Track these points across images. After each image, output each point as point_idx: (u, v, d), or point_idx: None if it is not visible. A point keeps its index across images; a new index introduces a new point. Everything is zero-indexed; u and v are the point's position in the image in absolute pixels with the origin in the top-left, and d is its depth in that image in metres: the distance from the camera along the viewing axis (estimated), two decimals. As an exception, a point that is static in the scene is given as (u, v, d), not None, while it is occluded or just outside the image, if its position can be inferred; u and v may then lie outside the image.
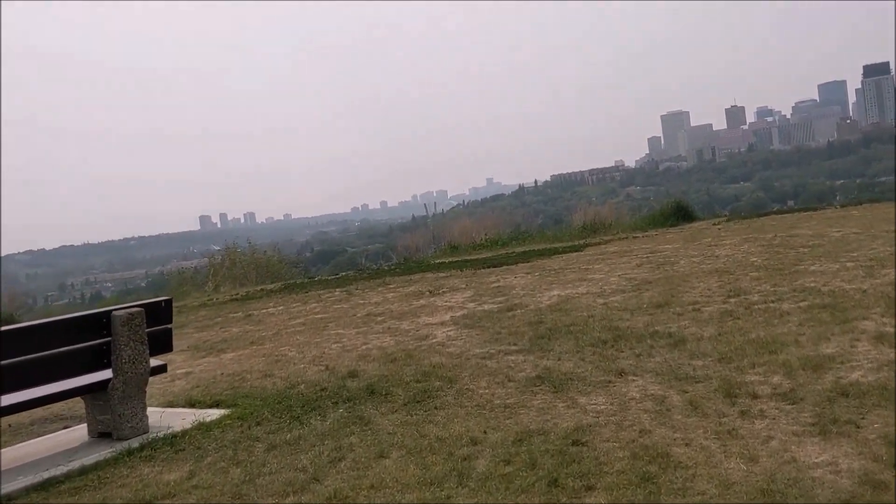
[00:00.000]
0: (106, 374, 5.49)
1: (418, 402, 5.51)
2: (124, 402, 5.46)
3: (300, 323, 10.73)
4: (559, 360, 6.37)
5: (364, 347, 8.12)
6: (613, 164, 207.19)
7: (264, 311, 12.86)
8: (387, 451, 4.51)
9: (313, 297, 13.92)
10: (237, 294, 16.53)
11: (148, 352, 5.61)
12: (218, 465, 4.66)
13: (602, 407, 4.98)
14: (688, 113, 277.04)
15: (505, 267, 14.35)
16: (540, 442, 4.36)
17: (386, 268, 18.62)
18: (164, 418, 5.93)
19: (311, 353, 8.24)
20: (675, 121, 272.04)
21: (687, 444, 4.14)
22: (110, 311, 5.46)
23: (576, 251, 16.03)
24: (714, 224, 19.39)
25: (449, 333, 8.25)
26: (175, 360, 9.07)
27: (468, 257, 18.87)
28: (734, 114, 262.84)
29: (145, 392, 5.63)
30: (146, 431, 5.56)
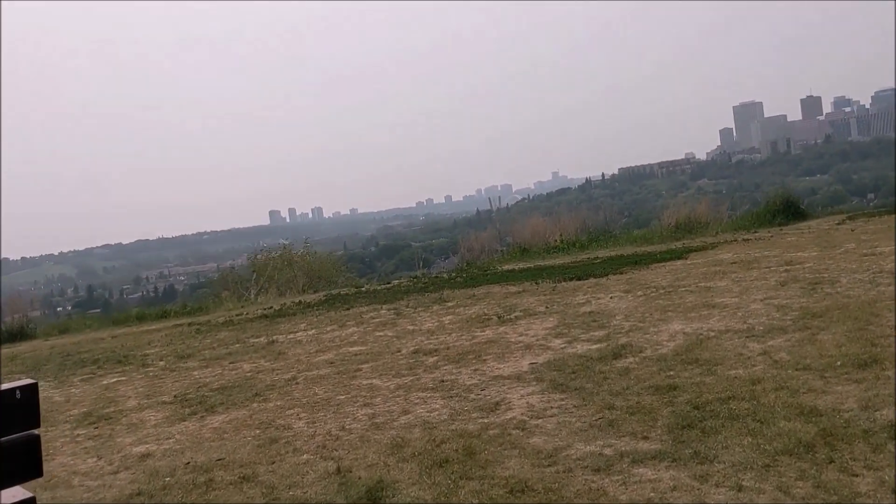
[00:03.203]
0: None
1: None
2: None
3: (327, 361, 8.09)
4: (740, 490, 3.53)
5: (403, 421, 5.40)
6: (683, 157, 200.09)
7: (292, 336, 10.28)
8: None
9: (354, 316, 11.29)
10: (270, 308, 14.03)
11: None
12: None
13: None
14: (761, 104, 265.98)
15: (593, 280, 11.44)
16: None
17: (445, 276, 15.89)
18: None
19: (326, 426, 5.56)
20: (747, 112, 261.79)
21: None
22: None
23: (677, 258, 13.02)
24: (839, 224, 16.08)
25: (530, 400, 5.46)
26: (147, 421, 6.56)
27: (542, 263, 16.00)
28: (810, 104, 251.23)
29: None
30: None
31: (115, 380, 8.87)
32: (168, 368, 9.08)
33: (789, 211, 19.50)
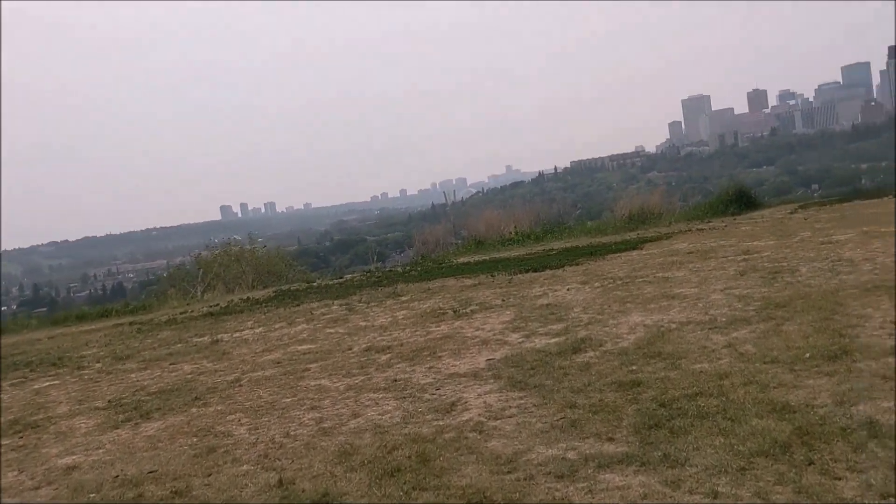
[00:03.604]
0: None
1: None
2: None
3: (274, 361, 7.69)
4: (715, 496, 3.26)
5: (352, 425, 5.04)
6: (634, 150, 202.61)
7: (238, 334, 9.84)
8: None
9: (304, 312, 10.89)
10: (216, 306, 13.52)
11: None
12: None
13: None
14: (709, 97, 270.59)
15: (549, 272, 11.21)
16: None
17: (399, 270, 15.54)
18: None
19: (270, 432, 5.17)
20: (696, 105, 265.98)
21: None
22: None
23: (632, 248, 12.89)
24: (791, 213, 16.16)
25: (488, 399, 5.16)
26: (77, 429, 6.10)
27: (498, 255, 15.77)
28: (756, 97, 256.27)
29: None
30: None
31: (47, 384, 8.34)
32: (105, 371, 8.58)
33: (742, 201, 19.62)
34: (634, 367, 5.39)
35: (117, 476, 4.69)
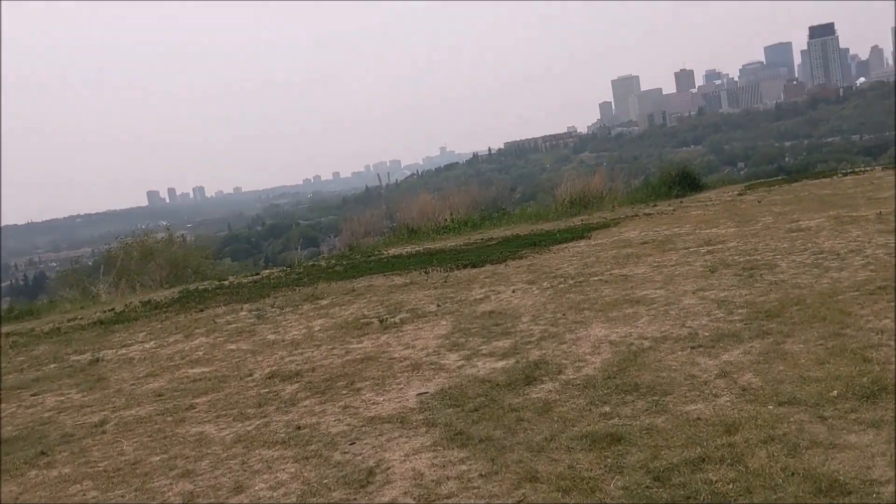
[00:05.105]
0: None
1: None
2: None
3: (155, 392, 6.22)
4: None
5: (232, 507, 3.66)
6: (566, 131, 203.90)
7: (124, 350, 8.29)
8: None
9: (207, 320, 9.37)
10: (111, 311, 11.84)
11: None
12: None
13: None
14: (637, 77, 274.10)
15: (489, 267, 9.93)
16: None
17: (322, 265, 14.06)
18: None
19: (119, 518, 3.75)
20: (625, 85, 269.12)
21: None
22: None
23: (579, 238, 11.73)
24: (740, 195, 15.26)
25: (417, 464, 3.83)
26: None
27: (432, 246, 14.44)
28: (683, 77, 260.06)
29: None
30: None
31: None
32: (-51, 406, 6.96)
33: (685, 182, 18.72)
34: (608, 409, 4.14)
35: None
